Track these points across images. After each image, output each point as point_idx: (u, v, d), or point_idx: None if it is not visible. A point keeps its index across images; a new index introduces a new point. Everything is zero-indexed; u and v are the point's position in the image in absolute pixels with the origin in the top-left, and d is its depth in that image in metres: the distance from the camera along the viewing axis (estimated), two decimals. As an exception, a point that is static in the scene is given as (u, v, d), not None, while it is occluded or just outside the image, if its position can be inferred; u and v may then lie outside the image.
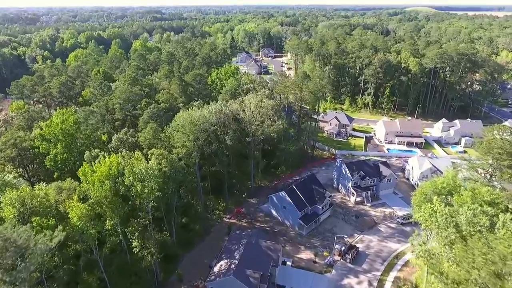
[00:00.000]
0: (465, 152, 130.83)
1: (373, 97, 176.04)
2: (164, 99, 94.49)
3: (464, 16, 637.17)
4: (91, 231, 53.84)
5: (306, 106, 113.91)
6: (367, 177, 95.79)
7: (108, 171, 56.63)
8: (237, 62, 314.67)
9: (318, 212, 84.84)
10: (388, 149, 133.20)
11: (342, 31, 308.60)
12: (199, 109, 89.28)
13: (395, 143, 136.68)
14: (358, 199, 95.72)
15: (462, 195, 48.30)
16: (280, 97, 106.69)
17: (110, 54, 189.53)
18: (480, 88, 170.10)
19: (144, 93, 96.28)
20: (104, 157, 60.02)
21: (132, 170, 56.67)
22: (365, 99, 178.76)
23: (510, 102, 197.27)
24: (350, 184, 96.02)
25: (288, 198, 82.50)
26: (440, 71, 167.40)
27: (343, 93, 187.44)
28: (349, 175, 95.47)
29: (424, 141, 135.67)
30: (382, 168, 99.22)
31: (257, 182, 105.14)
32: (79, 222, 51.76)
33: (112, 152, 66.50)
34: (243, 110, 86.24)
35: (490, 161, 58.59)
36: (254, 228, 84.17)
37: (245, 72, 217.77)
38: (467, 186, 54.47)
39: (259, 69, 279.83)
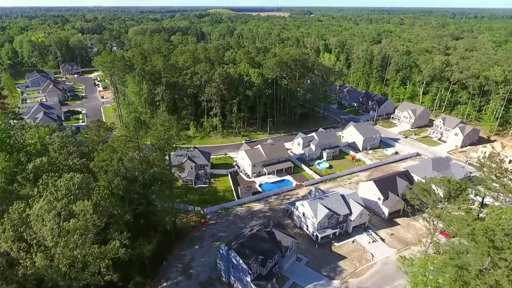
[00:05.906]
0: (330, 167, 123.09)
1: (221, 117, 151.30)
2: None
3: (259, 17, 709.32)
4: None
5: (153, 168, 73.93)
6: (268, 260, 67.49)
7: None
8: (27, 87, 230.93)
9: None
10: (261, 186, 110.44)
11: (161, 38, 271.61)
12: None
13: (264, 174, 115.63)
14: (264, 294, 66.44)
15: None
16: (107, 174, 62.58)
17: None
18: (315, 91, 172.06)
19: None
20: None
21: None
22: (213, 121, 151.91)
23: (332, 98, 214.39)
24: (249, 279, 65.19)
25: None
26: (280, 79, 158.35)
27: (184, 117, 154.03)
28: (245, 266, 64.41)
29: (292, 164, 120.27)
30: (279, 235, 73.08)
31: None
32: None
33: None
34: (27, 253, 39.51)
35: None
36: None
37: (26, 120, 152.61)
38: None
39: (63, 94, 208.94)
